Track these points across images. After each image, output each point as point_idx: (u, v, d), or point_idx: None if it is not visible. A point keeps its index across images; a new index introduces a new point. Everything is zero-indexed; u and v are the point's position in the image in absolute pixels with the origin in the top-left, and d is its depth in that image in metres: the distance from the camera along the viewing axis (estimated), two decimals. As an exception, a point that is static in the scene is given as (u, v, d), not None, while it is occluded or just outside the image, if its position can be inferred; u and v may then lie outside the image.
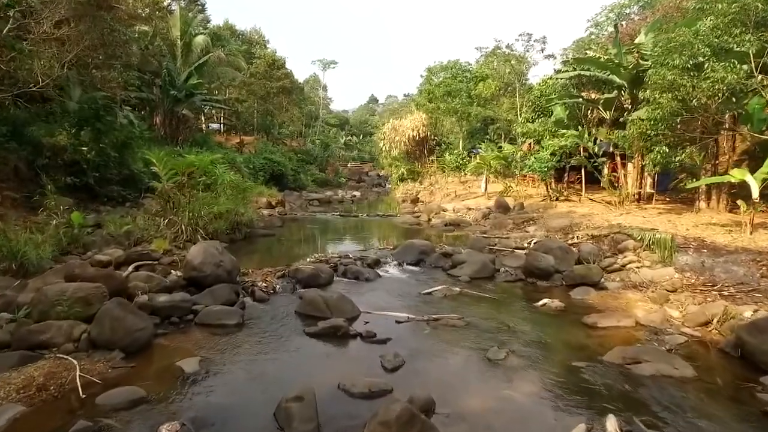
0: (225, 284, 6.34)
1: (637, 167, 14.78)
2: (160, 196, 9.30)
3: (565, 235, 10.57)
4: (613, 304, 6.66)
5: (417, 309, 6.38)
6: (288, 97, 39.04)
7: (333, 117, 68.34)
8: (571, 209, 14.30)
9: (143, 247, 8.37)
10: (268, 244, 11.30)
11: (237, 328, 5.42)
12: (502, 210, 15.21)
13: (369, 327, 5.53)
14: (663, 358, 4.61)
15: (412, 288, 7.54)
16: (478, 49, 25.93)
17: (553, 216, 13.25)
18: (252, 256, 9.63)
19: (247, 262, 8.60)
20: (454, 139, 31.17)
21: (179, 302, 5.55)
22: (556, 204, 15.06)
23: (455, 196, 21.51)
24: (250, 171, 27.20)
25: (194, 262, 6.47)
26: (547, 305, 6.62)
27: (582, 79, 16.99)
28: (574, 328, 5.78)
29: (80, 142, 14.60)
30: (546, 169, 14.86)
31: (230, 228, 10.61)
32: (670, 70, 9.95)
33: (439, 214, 16.60)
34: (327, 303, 5.88)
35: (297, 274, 7.33)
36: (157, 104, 23.95)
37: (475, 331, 5.60)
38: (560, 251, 8.59)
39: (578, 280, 7.64)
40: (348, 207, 23.88)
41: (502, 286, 7.89)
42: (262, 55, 36.70)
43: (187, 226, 9.02)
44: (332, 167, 42.99)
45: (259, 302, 6.44)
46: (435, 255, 9.39)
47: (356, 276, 7.92)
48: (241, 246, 10.35)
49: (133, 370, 4.20)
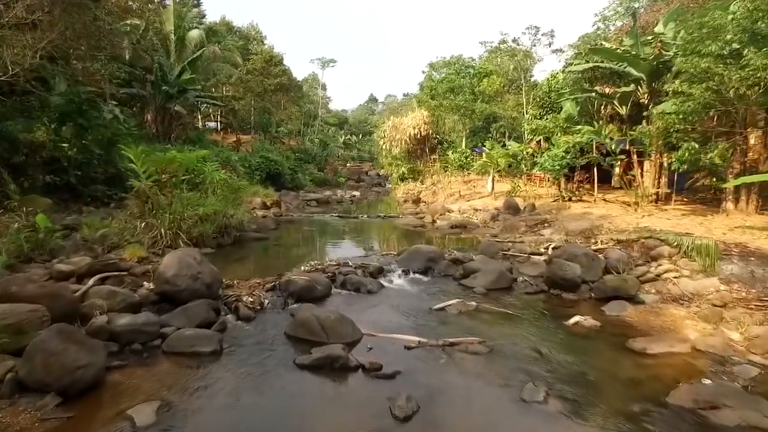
0: (203, 300, 5.38)
1: (656, 165, 13.85)
2: (138, 197, 8.32)
3: (586, 239, 9.62)
4: (657, 323, 5.71)
5: (429, 329, 5.42)
6: (286, 94, 38.05)
7: (332, 116, 67.43)
8: (586, 210, 13.35)
9: (116, 253, 7.41)
10: (260, 249, 10.33)
11: (213, 358, 4.46)
12: (511, 211, 14.25)
13: (373, 354, 4.58)
14: (745, 401, 3.66)
15: (420, 302, 6.58)
16: (483, 43, 24.95)
17: (569, 218, 12.30)
18: (240, 264, 8.66)
19: (233, 272, 7.64)
20: (456, 137, 30.23)
21: (143, 325, 4.58)
22: (570, 205, 14.11)
23: (459, 197, 20.55)
24: (245, 170, 26.26)
25: (167, 275, 5.50)
26: (579, 324, 5.67)
27: (596, 72, 16.06)
28: (618, 354, 4.82)
29: (61, 139, 13.64)
30: (559, 167, 13.91)
31: (218, 231, 9.64)
32: (703, 57, 9.01)
33: (443, 215, 15.65)
34: (323, 324, 4.92)
35: (289, 286, 6.37)
36: (148, 100, 22.94)
37: (502, 359, 4.65)
38: (586, 259, 7.63)
39: (610, 292, 6.68)
40: (347, 207, 22.92)
41: (523, 298, 6.93)
42: (259, 51, 35.70)
43: (168, 230, 8.04)
44: (331, 166, 42.05)
45: (243, 321, 5.48)
46: (444, 262, 8.44)
47: (357, 287, 6.96)
48: (229, 252, 9.38)
49: (69, 423, 3.24)
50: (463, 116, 26.90)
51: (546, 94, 20.05)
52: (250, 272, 7.82)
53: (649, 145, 12.41)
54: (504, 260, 9.08)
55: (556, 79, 19.99)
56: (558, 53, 22.18)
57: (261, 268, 8.32)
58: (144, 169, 8.26)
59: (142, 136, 20.84)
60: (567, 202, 14.48)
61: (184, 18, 26.90)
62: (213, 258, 8.71)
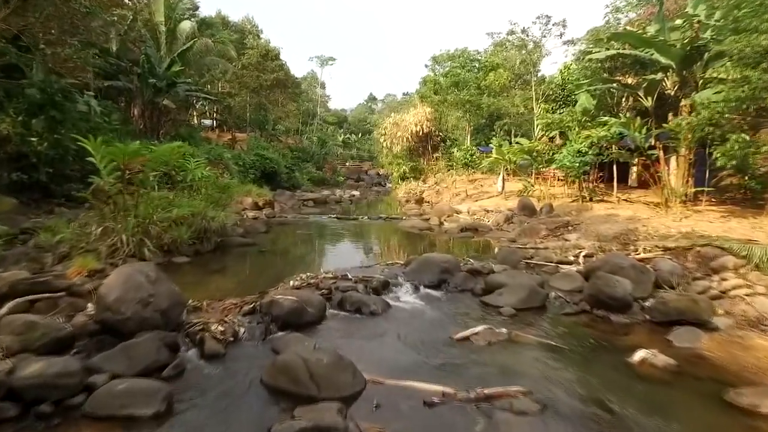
0: (154, 333, 4.06)
1: (685, 162, 12.54)
2: (95, 196, 6.99)
3: (623, 246, 8.31)
4: (750, 361, 4.39)
5: (453, 371, 4.11)
6: (283, 90, 36.69)
7: (331, 115, 66.19)
8: (610, 211, 12.06)
9: (66, 265, 6.09)
10: (245, 256, 8.98)
11: (154, 425, 3.13)
12: (527, 212, 12.96)
13: (382, 417, 3.27)
14: None
15: (437, 328, 5.26)
16: (490, 34, 23.59)
17: (594, 220, 11.00)
18: (217, 277, 7.31)
19: (207, 287, 6.33)
20: (460, 135, 28.91)
21: (58, 376, 3.26)
22: (591, 205, 12.81)
23: (466, 196, 19.25)
24: (239, 168, 24.97)
25: (108, 299, 4.19)
26: (647, 362, 4.36)
27: (616, 62, 14.75)
28: (720, 414, 3.51)
29: (30, 132, 12.32)
30: (580, 164, 12.60)
31: (196, 236, 8.32)
32: (762, 34, 7.71)
33: (451, 216, 14.33)
34: (312, 371, 3.60)
35: (273, 308, 5.04)
36: (135, 94, 21.61)
37: (560, 421, 3.33)
38: (634, 271, 6.33)
39: (673, 315, 5.37)
40: (346, 208, 21.61)
41: (563, 322, 5.62)
42: (254, 46, 34.31)
43: (131, 236, 6.71)
44: (330, 165, 40.78)
45: (208, 360, 4.16)
46: (461, 274, 7.12)
47: (358, 308, 5.65)
48: (207, 260, 8.06)
49: None
50: (468, 112, 25.58)
51: (559, 87, 18.79)
52: (228, 288, 6.50)
53: (684, 139, 11.10)
54: (528, 270, 7.80)
55: (570, 70, 18.73)
56: (569, 45, 20.84)
57: (242, 282, 7.00)
58: (104, 164, 6.93)
59: (128, 131, 19.55)
60: (588, 203, 13.18)
61: (175, 9, 25.56)
62: (185, 269, 7.43)
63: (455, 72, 26.37)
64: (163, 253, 7.46)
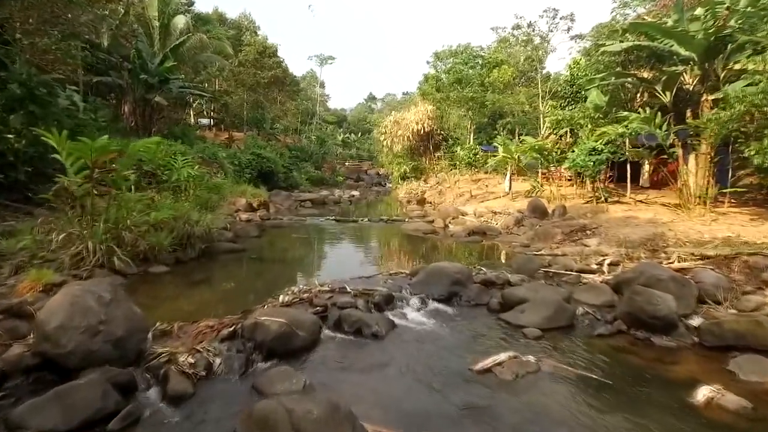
0: (102, 370, 3.24)
1: (706, 161, 11.73)
2: (58, 197, 6.16)
3: (651, 253, 7.49)
4: (840, 403, 3.58)
5: (477, 418, 3.29)
6: (281, 88, 35.87)
7: (330, 114, 65.42)
8: (628, 214, 11.26)
9: (17, 279, 5.27)
10: (232, 265, 8.12)
11: None
12: (538, 215, 12.14)
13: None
14: None
15: (451, 355, 4.44)
16: (494, 29, 22.71)
17: (613, 223, 10.19)
18: (196, 291, 6.44)
19: (182, 304, 5.51)
20: (461, 134, 28.08)
21: (-44, 443, 2.43)
22: (606, 207, 11.99)
23: (471, 197, 18.43)
24: (235, 168, 24.15)
25: (47, 326, 3.36)
26: (714, 402, 3.54)
27: (630, 55, 13.97)
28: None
29: (8, 129, 11.50)
30: (596, 163, 11.78)
31: (178, 242, 7.49)
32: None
33: (457, 218, 13.51)
34: (298, 428, 2.77)
35: (256, 332, 4.22)
36: (126, 91, 20.78)
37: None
38: (674, 284, 5.51)
39: (730, 338, 4.56)
40: (346, 208, 20.81)
41: (598, 345, 4.79)
42: (252, 42, 33.45)
43: (99, 244, 5.88)
44: (329, 165, 39.98)
45: (173, 402, 3.34)
46: (474, 286, 6.31)
47: (358, 329, 4.83)
48: (190, 270, 7.22)
49: None
50: (471, 110, 24.76)
51: (567, 83, 17.98)
52: (209, 302, 5.67)
53: (708, 136, 10.30)
54: (547, 280, 7.00)
55: (579, 66, 17.92)
56: (577, 39, 20.00)
57: (225, 296, 6.18)
58: (71, 161, 6.10)
59: (118, 129, 18.74)
60: (602, 204, 12.36)
61: (168, 3, 24.74)
62: (163, 280, 6.59)
63: (458, 68, 25.49)
64: (139, 261, 6.64)
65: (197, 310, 5.11)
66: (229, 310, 4.91)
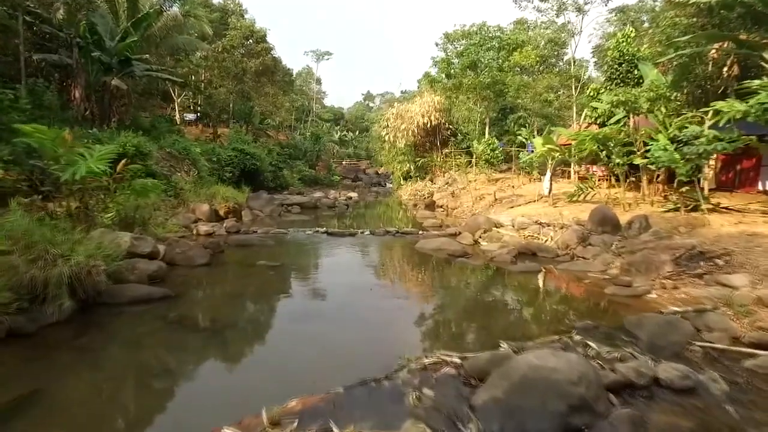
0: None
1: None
2: None
3: None
4: None
5: None
6: (271, 78, 32.32)
7: (327, 111, 61.95)
8: (742, 228, 7.82)
9: None
10: (127, 336, 4.45)
11: None
12: (609, 228, 8.68)
13: None
14: None
15: None
16: (518, 4, 19.06)
17: (742, 245, 6.73)
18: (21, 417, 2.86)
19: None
20: (472, 128, 24.61)
21: None
22: (706, 218, 8.52)
23: (495, 201, 14.95)
24: (212, 165, 20.66)
25: None
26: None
27: (713, 16, 10.54)
28: None
29: None
30: (697, 157, 8.32)
31: (28, 292, 3.99)
32: None
33: (489, 231, 10.05)
34: None
35: None
36: (77, 72, 17.18)
37: None
38: None
39: None
40: (341, 214, 17.33)
41: None
42: (238, 26, 29.91)
43: None
44: (324, 163, 36.49)
45: None
46: (613, 413, 2.86)
47: None
48: (34, 352, 3.70)
49: None
50: (486, 99, 21.31)
51: (615, 61, 14.55)
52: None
53: None
54: (706, 364, 3.58)
55: (628, 40, 14.51)
56: (616, 12, 16.60)
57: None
58: None
59: (65, 118, 15.24)
60: (695, 214, 8.90)
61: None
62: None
63: (472, 50, 21.93)
64: None
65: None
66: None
